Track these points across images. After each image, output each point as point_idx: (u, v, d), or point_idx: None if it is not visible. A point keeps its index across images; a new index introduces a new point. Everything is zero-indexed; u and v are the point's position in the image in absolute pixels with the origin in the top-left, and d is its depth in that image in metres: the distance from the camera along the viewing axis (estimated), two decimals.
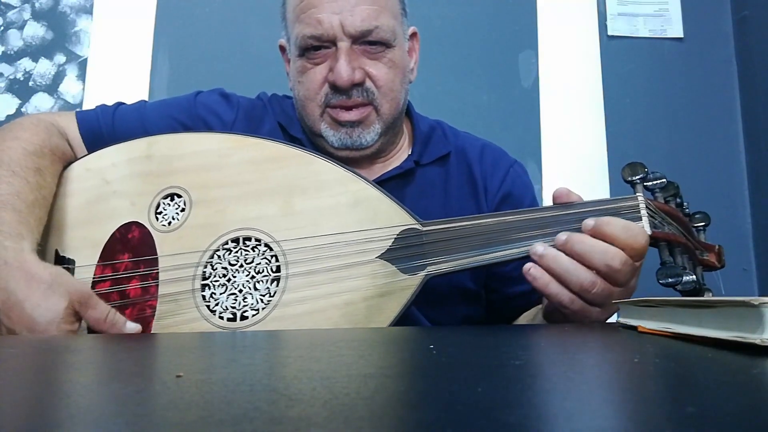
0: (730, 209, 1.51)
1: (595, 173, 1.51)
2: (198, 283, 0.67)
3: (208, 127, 0.85)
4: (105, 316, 0.63)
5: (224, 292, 0.67)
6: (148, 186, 0.72)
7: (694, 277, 0.66)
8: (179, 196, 0.71)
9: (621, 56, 1.57)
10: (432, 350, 0.38)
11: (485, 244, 0.66)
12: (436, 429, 0.19)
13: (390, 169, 0.84)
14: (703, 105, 1.55)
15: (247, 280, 0.67)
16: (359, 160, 0.83)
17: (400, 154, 0.88)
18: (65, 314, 0.61)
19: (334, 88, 0.78)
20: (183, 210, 0.71)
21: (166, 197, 0.72)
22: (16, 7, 1.52)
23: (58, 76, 1.50)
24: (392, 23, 0.79)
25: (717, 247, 0.74)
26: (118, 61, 1.51)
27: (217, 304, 0.66)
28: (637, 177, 0.70)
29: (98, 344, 0.49)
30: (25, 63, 1.50)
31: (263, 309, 0.65)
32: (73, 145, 0.81)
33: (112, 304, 0.65)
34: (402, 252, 0.66)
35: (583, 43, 1.57)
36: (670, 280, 0.66)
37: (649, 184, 0.71)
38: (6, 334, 0.61)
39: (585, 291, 0.60)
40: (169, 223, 0.70)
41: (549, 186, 1.49)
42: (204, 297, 0.67)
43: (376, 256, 0.66)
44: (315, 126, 0.81)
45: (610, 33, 1.57)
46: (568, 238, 0.62)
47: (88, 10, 1.54)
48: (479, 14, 1.57)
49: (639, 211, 0.67)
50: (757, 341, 0.31)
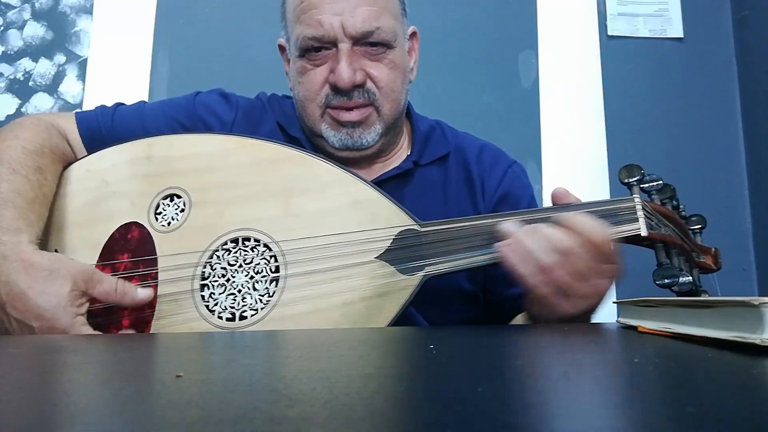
0: (730, 209, 1.51)
1: (595, 173, 1.51)
2: (197, 283, 0.67)
3: (207, 127, 0.85)
4: (114, 288, 0.64)
5: (223, 292, 0.67)
6: (148, 186, 0.72)
7: (690, 278, 0.66)
8: (179, 197, 0.71)
9: (621, 56, 1.56)
10: (432, 350, 0.38)
11: (483, 245, 0.66)
12: (436, 429, 0.19)
13: (389, 170, 0.84)
14: (703, 105, 1.55)
15: (246, 280, 0.67)
16: (359, 160, 0.83)
17: (400, 155, 0.88)
18: (71, 296, 0.61)
19: (335, 89, 0.78)
20: (182, 210, 0.71)
21: (165, 198, 0.72)
22: (16, 7, 1.52)
23: (58, 76, 1.50)
24: (393, 24, 0.79)
25: (713, 250, 0.75)
26: (118, 61, 1.51)
27: (216, 304, 0.66)
28: (634, 179, 0.70)
29: (98, 344, 0.49)
30: (25, 63, 1.50)
31: (262, 309, 0.66)
32: (73, 146, 0.81)
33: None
34: (400, 252, 0.66)
35: (583, 43, 1.57)
36: (666, 281, 0.66)
37: (646, 186, 0.71)
38: (20, 331, 0.61)
39: (547, 272, 0.62)
40: (169, 224, 0.70)
41: (549, 186, 1.48)
42: (203, 297, 0.67)
43: (375, 256, 0.66)
44: (315, 126, 0.81)
45: (610, 33, 1.57)
46: (528, 226, 0.64)
47: (88, 10, 1.54)
48: (479, 14, 1.56)
49: (636, 213, 0.67)
50: (757, 341, 0.31)
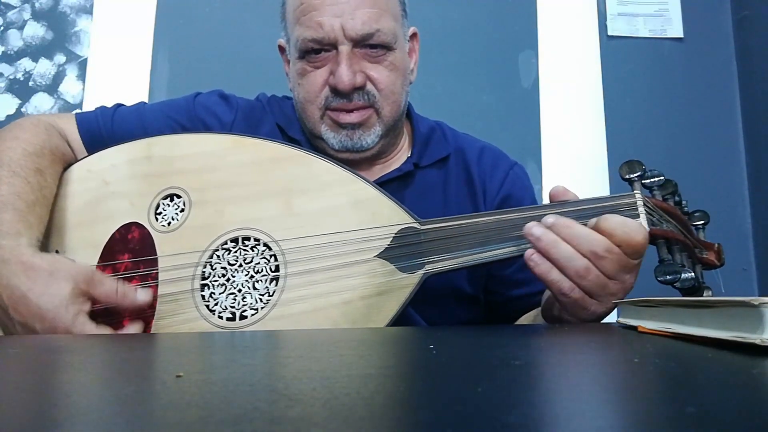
0: (730, 209, 1.51)
1: (595, 173, 1.51)
2: (197, 283, 0.67)
3: (206, 128, 0.85)
4: (115, 289, 0.64)
5: (223, 292, 0.67)
6: (148, 187, 0.72)
7: (693, 274, 0.66)
8: (179, 197, 0.71)
9: (621, 56, 1.56)
10: (432, 350, 0.38)
11: (483, 242, 0.66)
12: (436, 429, 0.19)
13: (389, 171, 0.84)
14: (703, 105, 1.55)
15: (246, 280, 0.67)
16: (359, 162, 0.83)
17: (400, 156, 0.88)
18: (72, 297, 0.61)
19: (335, 91, 0.78)
20: (182, 210, 0.71)
21: (165, 198, 0.72)
22: (16, 7, 1.52)
23: (58, 76, 1.50)
24: (393, 26, 0.79)
25: (716, 246, 0.74)
26: (118, 61, 1.51)
27: (217, 304, 0.66)
28: (635, 174, 0.70)
29: (98, 344, 0.49)
30: (25, 63, 1.50)
31: (262, 308, 0.66)
32: (73, 147, 0.81)
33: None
34: (400, 251, 0.66)
35: (583, 43, 1.57)
36: (668, 278, 0.65)
37: (647, 181, 0.70)
38: (24, 334, 0.61)
39: (581, 278, 0.60)
40: (169, 224, 0.70)
41: (549, 186, 1.48)
42: (203, 297, 0.67)
43: (375, 254, 0.66)
44: (315, 128, 0.81)
45: (610, 33, 1.57)
46: (555, 221, 0.61)
47: (88, 10, 1.54)
48: (479, 14, 1.57)
49: (637, 209, 0.67)
50: (757, 341, 0.31)
